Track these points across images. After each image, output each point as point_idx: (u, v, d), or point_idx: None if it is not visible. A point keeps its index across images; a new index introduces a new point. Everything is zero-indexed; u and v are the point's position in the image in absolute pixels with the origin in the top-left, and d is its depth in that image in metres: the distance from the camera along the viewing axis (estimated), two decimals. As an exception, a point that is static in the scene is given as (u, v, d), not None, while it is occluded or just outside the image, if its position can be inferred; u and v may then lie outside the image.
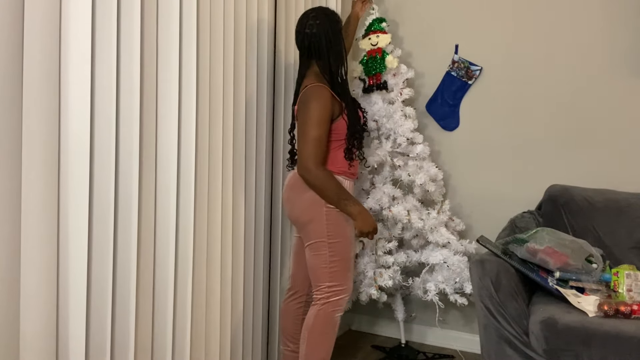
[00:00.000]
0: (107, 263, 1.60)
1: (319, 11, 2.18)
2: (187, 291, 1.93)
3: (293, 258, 2.38)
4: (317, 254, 2.13)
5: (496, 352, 2.06)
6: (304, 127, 2.05)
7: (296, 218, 2.18)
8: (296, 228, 2.29)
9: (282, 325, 2.38)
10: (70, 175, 1.49)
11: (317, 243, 2.12)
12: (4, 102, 1.33)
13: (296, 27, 2.21)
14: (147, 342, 1.78)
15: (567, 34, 2.72)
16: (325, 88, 2.10)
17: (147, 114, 1.75)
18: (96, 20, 1.55)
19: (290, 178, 2.23)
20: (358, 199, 2.50)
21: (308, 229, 2.13)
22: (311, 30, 2.14)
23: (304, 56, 2.20)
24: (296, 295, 2.37)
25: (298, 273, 2.36)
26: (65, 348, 1.50)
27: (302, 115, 2.08)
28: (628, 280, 2.10)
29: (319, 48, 2.15)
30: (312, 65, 2.19)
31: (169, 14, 1.81)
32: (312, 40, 2.14)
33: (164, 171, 1.83)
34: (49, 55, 1.43)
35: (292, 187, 2.19)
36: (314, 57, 2.17)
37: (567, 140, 2.74)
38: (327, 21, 2.16)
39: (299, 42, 2.20)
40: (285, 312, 2.38)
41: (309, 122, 2.04)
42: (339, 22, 2.22)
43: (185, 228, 1.92)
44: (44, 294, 1.43)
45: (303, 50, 2.20)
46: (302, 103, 2.09)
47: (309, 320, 2.15)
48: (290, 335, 2.36)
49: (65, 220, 1.49)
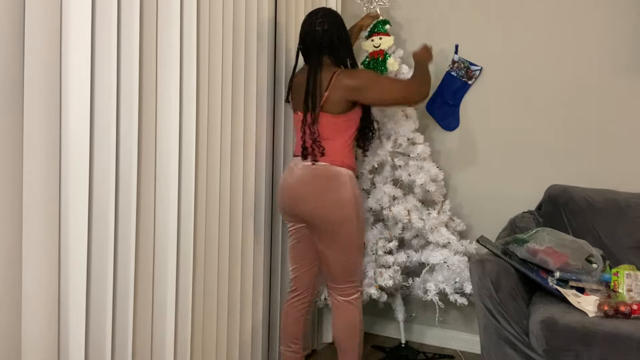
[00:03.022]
0: (107, 263, 1.60)
1: (325, 10, 2.27)
2: (187, 292, 1.93)
3: (297, 259, 2.35)
4: (349, 252, 2.20)
5: (496, 352, 2.06)
6: (383, 86, 2.20)
7: (323, 216, 2.14)
8: (314, 225, 2.19)
9: (284, 326, 2.37)
10: (70, 175, 1.49)
11: (348, 242, 2.18)
12: (5, 102, 1.33)
13: (304, 28, 2.26)
14: (147, 343, 1.79)
15: (568, 34, 2.72)
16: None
17: (147, 114, 1.75)
18: (96, 19, 1.55)
19: (304, 174, 2.18)
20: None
21: (339, 229, 2.15)
22: (322, 28, 2.21)
23: (314, 52, 2.23)
24: (300, 295, 2.36)
25: (303, 273, 2.34)
26: (66, 349, 1.50)
27: (367, 83, 2.17)
28: (628, 280, 2.10)
29: (331, 43, 2.22)
30: (322, 60, 2.23)
31: (169, 13, 1.81)
32: (325, 36, 2.21)
33: (164, 171, 1.83)
34: (49, 55, 1.43)
35: (309, 184, 2.16)
36: (324, 53, 2.23)
37: (567, 140, 2.74)
38: (335, 18, 2.26)
39: (308, 40, 2.23)
40: (287, 313, 2.37)
41: (380, 80, 2.21)
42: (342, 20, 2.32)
43: (185, 228, 1.92)
44: (45, 295, 1.43)
45: (313, 47, 2.23)
46: (351, 78, 2.16)
47: (350, 316, 2.23)
48: (292, 336, 2.35)
49: (65, 220, 1.49)
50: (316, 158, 2.18)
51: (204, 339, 2.06)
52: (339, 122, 2.19)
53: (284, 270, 2.61)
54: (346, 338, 2.25)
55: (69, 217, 1.49)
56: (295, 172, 2.21)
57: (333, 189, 2.15)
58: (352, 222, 2.17)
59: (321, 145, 2.17)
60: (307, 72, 2.21)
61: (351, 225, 2.17)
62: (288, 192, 2.22)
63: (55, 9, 1.44)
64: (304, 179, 2.18)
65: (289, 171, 2.26)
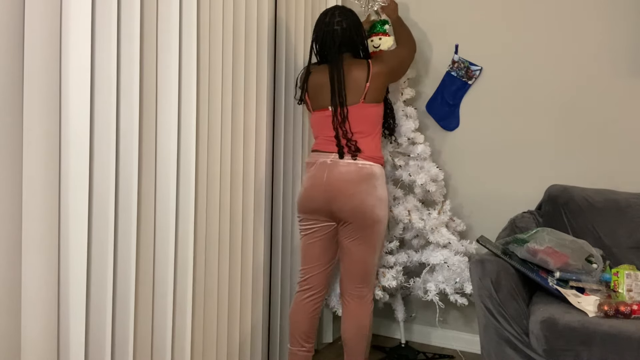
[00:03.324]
0: (107, 263, 1.60)
1: (341, 9, 2.34)
2: (187, 292, 1.93)
3: (314, 257, 2.32)
4: (375, 252, 2.26)
5: (496, 352, 2.06)
6: (403, 59, 2.41)
7: (363, 214, 2.17)
8: (351, 223, 2.19)
9: (297, 325, 2.32)
10: (70, 175, 1.49)
11: (378, 242, 2.25)
12: (5, 101, 1.34)
13: (321, 27, 2.32)
14: (147, 343, 1.79)
15: (568, 34, 2.72)
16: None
17: (147, 113, 1.75)
18: (96, 19, 1.55)
19: (349, 171, 2.19)
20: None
21: (374, 228, 2.21)
22: (341, 26, 2.29)
23: (334, 50, 2.29)
24: (312, 291, 2.33)
25: (320, 272, 2.32)
26: (66, 349, 1.50)
27: (397, 62, 2.36)
28: (628, 280, 2.10)
29: (351, 40, 2.31)
30: (343, 57, 2.30)
31: (168, 13, 1.81)
32: (344, 34, 2.29)
33: (164, 171, 1.83)
34: (49, 54, 1.43)
35: (357, 182, 2.18)
36: (344, 51, 2.31)
37: (567, 140, 2.74)
38: (352, 15, 2.34)
39: (328, 39, 2.29)
40: (300, 311, 2.33)
41: (399, 55, 2.40)
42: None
43: (186, 228, 1.92)
44: (45, 295, 1.43)
45: (333, 46, 2.29)
46: (383, 63, 2.30)
47: (363, 318, 2.27)
48: (305, 335, 2.32)
49: (65, 220, 1.49)
50: (356, 155, 2.22)
51: (204, 339, 2.06)
52: (378, 112, 2.31)
53: (284, 270, 2.61)
54: (357, 340, 2.26)
55: (69, 216, 1.49)
56: (335, 168, 2.20)
57: (377, 187, 2.22)
58: (385, 222, 2.27)
59: (357, 141, 2.23)
60: (332, 70, 2.25)
61: (384, 225, 2.26)
62: (324, 188, 2.20)
63: (55, 9, 1.44)
64: (350, 177, 2.19)
65: (321, 167, 2.23)
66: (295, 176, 2.66)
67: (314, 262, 2.32)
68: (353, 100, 2.24)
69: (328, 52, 2.30)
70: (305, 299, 2.34)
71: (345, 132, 2.22)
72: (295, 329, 2.33)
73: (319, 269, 2.33)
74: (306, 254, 2.34)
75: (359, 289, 2.27)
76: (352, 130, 2.23)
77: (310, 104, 2.37)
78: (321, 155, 2.27)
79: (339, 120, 2.22)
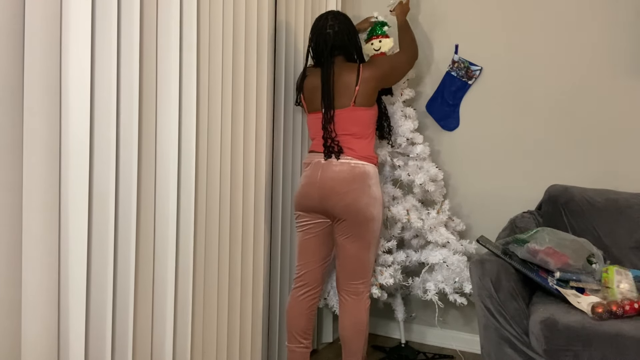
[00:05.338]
0: (107, 263, 1.60)
1: (334, 13, 2.38)
2: (187, 291, 1.93)
3: (309, 254, 2.35)
4: (369, 249, 2.28)
5: (496, 352, 2.06)
6: (399, 65, 2.41)
7: (357, 211, 2.21)
8: (345, 220, 2.23)
9: (294, 322, 2.36)
10: (70, 175, 1.49)
11: (372, 240, 2.27)
12: (5, 101, 1.33)
13: (315, 31, 2.36)
14: (147, 343, 1.79)
15: (568, 34, 2.72)
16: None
17: (147, 113, 1.75)
18: (96, 19, 1.55)
19: (343, 170, 2.23)
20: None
21: (368, 225, 2.23)
22: (333, 30, 2.32)
23: (327, 53, 2.32)
24: (312, 290, 2.37)
25: (315, 269, 2.36)
26: (66, 349, 1.50)
27: (390, 67, 2.37)
28: (618, 276, 2.11)
29: (343, 43, 2.34)
30: (335, 59, 2.34)
31: (168, 12, 1.81)
32: (336, 37, 2.32)
33: (164, 170, 1.83)
34: (49, 55, 1.43)
35: (350, 181, 2.21)
36: (336, 53, 2.35)
37: (567, 140, 2.74)
38: (345, 19, 2.37)
39: (321, 42, 2.33)
40: (296, 307, 2.36)
41: (396, 61, 2.40)
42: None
43: (186, 227, 1.92)
44: (45, 295, 1.43)
45: (326, 48, 2.32)
46: (376, 67, 2.32)
47: (359, 314, 2.29)
48: (303, 331, 2.35)
49: (65, 220, 1.49)
50: (348, 155, 2.26)
51: (204, 339, 2.06)
52: (370, 115, 2.32)
53: (284, 270, 2.61)
54: (354, 337, 2.29)
55: (69, 216, 1.49)
56: (329, 168, 2.25)
57: (371, 187, 2.25)
58: (379, 221, 2.28)
59: (342, 142, 2.26)
60: (323, 73, 2.29)
61: (378, 223, 2.28)
62: (319, 186, 2.25)
63: (55, 9, 1.44)
64: (343, 175, 2.23)
65: (315, 167, 2.28)
66: (295, 176, 2.67)
67: (309, 257, 2.36)
68: (344, 103, 2.28)
69: (321, 54, 2.35)
70: (301, 295, 2.37)
71: (330, 132, 2.27)
72: (292, 326, 2.37)
73: (315, 264, 2.36)
74: (302, 249, 2.38)
75: (354, 286, 2.30)
76: (343, 132, 2.27)
77: (306, 106, 2.42)
78: (316, 156, 2.32)
79: (324, 122, 2.29)
